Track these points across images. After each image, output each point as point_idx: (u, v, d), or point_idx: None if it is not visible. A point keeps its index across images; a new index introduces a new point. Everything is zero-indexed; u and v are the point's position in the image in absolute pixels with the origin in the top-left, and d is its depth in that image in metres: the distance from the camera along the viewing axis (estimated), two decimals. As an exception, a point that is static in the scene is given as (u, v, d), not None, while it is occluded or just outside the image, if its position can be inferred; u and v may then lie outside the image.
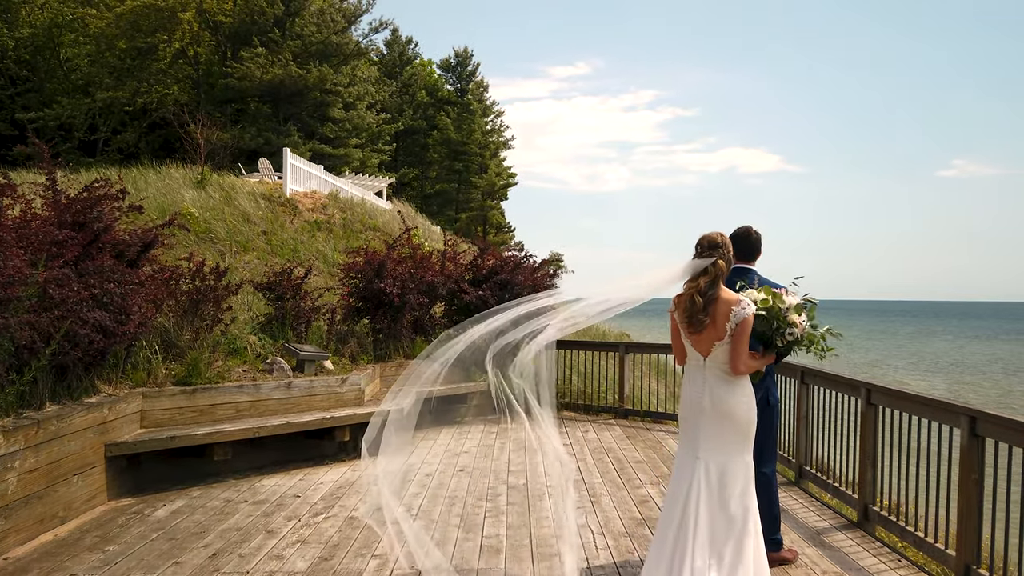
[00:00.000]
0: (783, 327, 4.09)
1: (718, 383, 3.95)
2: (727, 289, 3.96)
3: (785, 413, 7.71)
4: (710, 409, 3.94)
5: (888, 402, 5.70)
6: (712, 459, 3.91)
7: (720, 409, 3.92)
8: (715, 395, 3.93)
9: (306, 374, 8.48)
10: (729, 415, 3.92)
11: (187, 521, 5.86)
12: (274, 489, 6.87)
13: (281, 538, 5.50)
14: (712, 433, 3.93)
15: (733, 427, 3.93)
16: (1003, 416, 4.40)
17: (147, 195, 14.98)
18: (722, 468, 3.89)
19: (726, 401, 3.92)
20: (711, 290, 3.88)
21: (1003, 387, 34.70)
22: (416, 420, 4.95)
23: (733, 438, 3.93)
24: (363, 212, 19.51)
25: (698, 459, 3.92)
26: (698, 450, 3.94)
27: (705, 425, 3.95)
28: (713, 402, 3.93)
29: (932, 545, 5.04)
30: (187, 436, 6.74)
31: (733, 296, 3.92)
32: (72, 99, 28.49)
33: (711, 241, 3.99)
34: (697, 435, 3.97)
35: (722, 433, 3.92)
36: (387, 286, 10.07)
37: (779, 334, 4.11)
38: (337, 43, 31.39)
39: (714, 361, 3.95)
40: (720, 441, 3.92)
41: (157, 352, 7.36)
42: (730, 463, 3.91)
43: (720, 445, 3.92)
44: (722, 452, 3.92)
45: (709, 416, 3.94)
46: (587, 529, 5.77)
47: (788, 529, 5.80)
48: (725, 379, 3.95)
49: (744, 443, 3.96)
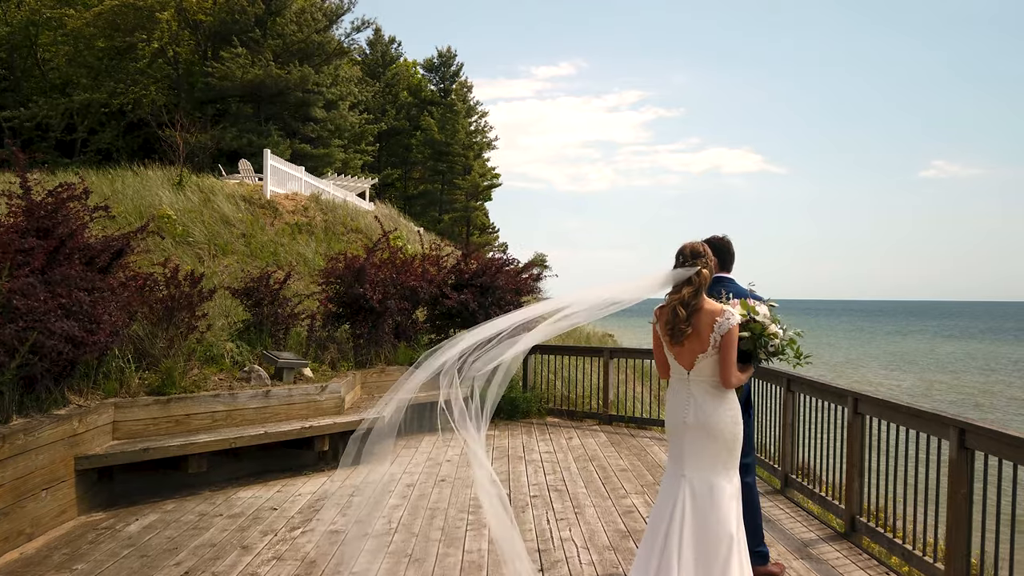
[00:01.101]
0: (765, 339, 3.99)
1: (703, 397, 3.84)
2: (710, 300, 3.86)
3: (771, 421, 7.65)
4: (695, 425, 3.83)
5: (875, 412, 5.62)
6: (697, 476, 3.80)
7: (705, 425, 3.81)
8: (700, 410, 3.83)
9: (285, 382, 8.31)
10: (714, 431, 3.81)
11: (159, 537, 5.69)
12: (251, 501, 6.70)
13: (256, 554, 5.34)
14: (697, 449, 3.82)
15: (719, 443, 3.82)
16: (993, 429, 4.32)
17: (124, 197, 14.74)
18: (708, 486, 3.78)
19: (711, 416, 3.81)
20: (694, 300, 3.78)
21: (977, 386, 34.93)
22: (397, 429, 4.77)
23: (719, 455, 3.82)
24: (345, 214, 19.31)
25: (683, 476, 3.82)
26: (684, 467, 3.84)
27: (690, 441, 3.84)
28: (698, 418, 3.83)
29: (920, 558, 4.96)
30: (161, 448, 6.56)
31: (717, 306, 3.81)
32: (49, 99, 28.04)
33: (693, 250, 3.88)
34: (682, 452, 3.86)
35: (707, 449, 3.81)
36: (367, 291, 9.91)
37: (763, 348, 4.01)
38: (319, 42, 31.07)
39: (699, 375, 3.84)
40: (706, 458, 3.82)
41: (130, 361, 7.17)
42: (717, 480, 3.80)
43: (706, 462, 3.81)
44: (708, 469, 3.81)
45: (694, 432, 3.83)
46: (571, 543, 5.65)
47: (774, 540, 5.71)
48: (710, 393, 3.84)
49: (730, 459, 3.85)
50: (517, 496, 6.94)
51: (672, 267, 3.88)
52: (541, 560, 5.29)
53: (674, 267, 3.87)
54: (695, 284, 3.79)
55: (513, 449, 8.95)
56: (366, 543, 5.62)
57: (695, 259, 3.84)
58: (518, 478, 7.59)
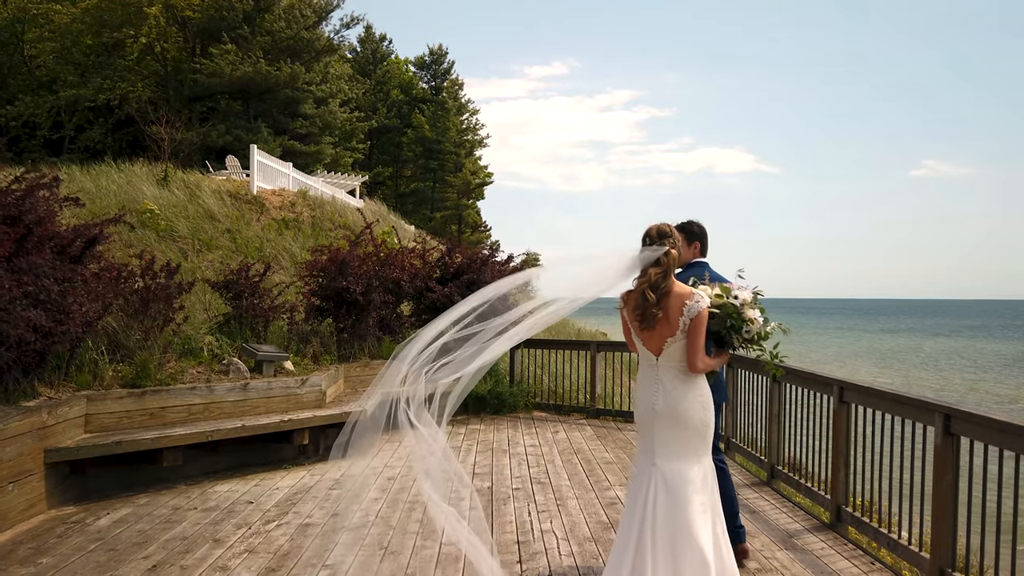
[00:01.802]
0: (739, 324, 3.84)
1: (672, 383, 3.71)
2: (679, 282, 3.73)
3: (757, 412, 7.55)
4: (664, 412, 3.70)
5: (860, 399, 5.52)
6: (668, 465, 3.68)
7: (674, 411, 3.68)
8: (669, 397, 3.70)
9: (264, 375, 8.17)
10: (684, 418, 3.68)
11: (130, 531, 5.56)
12: (227, 495, 6.56)
13: (228, 547, 5.21)
14: (668, 437, 3.70)
15: (689, 430, 3.69)
16: (978, 413, 4.22)
17: (108, 193, 14.59)
18: (680, 474, 3.66)
19: (680, 403, 3.68)
20: (664, 283, 3.64)
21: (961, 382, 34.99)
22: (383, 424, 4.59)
23: (689, 442, 3.70)
24: (333, 210, 19.15)
25: (655, 466, 3.69)
26: (654, 456, 3.71)
27: (660, 429, 3.71)
28: (667, 404, 3.70)
29: (906, 547, 4.86)
30: (134, 441, 6.41)
31: (686, 289, 3.68)
32: (36, 96, 27.80)
33: (660, 231, 3.74)
34: (652, 439, 3.74)
35: (678, 437, 3.69)
36: (350, 284, 9.78)
37: (735, 332, 3.86)
38: (308, 39, 30.91)
39: (667, 360, 3.72)
40: (676, 445, 3.69)
41: (104, 354, 7.03)
42: (688, 468, 3.68)
43: (677, 449, 3.69)
44: (679, 457, 3.69)
45: (663, 419, 3.70)
46: (551, 535, 5.53)
47: (759, 531, 5.61)
48: (679, 379, 3.71)
49: (702, 446, 3.74)
50: (499, 489, 6.82)
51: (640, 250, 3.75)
52: (520, 552, 5.18)
53: (641, 249, 3.73)
54: (663, 265, 3.65)
55: (498, 443, 8.83)
56: (342, 536, 5.50)
57: (662, 239, 3.70)
58: (501, 471, 7.47)
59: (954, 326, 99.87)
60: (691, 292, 3.66)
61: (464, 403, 10.95)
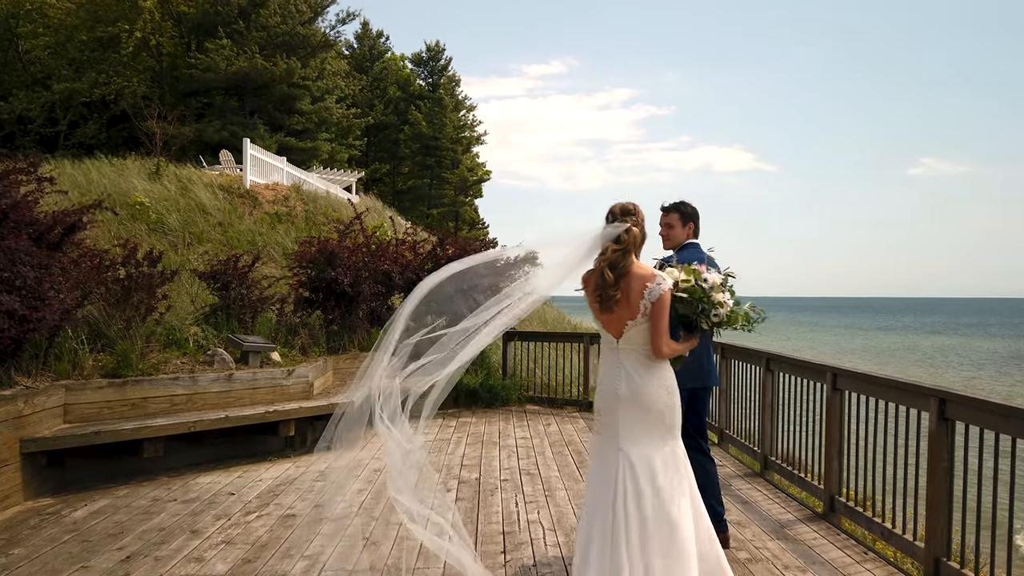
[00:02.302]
0: (708, 308, 3.67)
1: (634, 368, 3.55)
2: (641, 263, 3.57)
3: (750, 402, 7.43)
4: (627, 397, 3.54)
5: (854, 386, 5.40)
6: (635, 449, 3.52)
7: (638, 396, 3.52)
8: (631, 381, 3.53)
9: (250, 366, 8.04)
10: (647, 403, 3.52)
11: (106, 522, 5.43)
12: (209, 487, 6.44)
13: (205, 539, 5.08)
14: (632, 423, 3.54)
15: (653, 414, 3.53)
16: (973, 397, 4.10)
17: (99, 187, 14.45)
18: (648, 459, 3.51)
19: (643, 388, 3.52)
20: (623, 262, 3.47)
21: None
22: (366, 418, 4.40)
23: (654, 427, 3.54)
24: (327, 204, 19.01)
25: (620, 450, 3.54)
26: (619, 440, 3.57)
27: (624, 414, 3.55)
28: (630, 389, 3.53)
29: (900, 537, 4.74)
30: (113, 431, 6.28)
31: (647, 270, 3.52)
32: (30, 92, 27.66)
33: (623, 208, 3.58)
34: (617, 425, 3.60)
35: (643, 422, 3.53)
36: (339, 275, 9.65)
37: (704, 316, 3.69)
38: (304, 34, 30.75)
39: (628, 343, 3.55)
40: (642, 431, 3.53)
41: (85, 343, 6.90)
42: (656, 452, 3.53)
43: (643, 435, 3.53)
44: (646, 442, 3.54)
45: (627, 404, 3.54)
46: (538, 525, 5.41)
47: (750, 521, 5.49)
48: (641, 363, 3.55)
49: (668, 431, 3.57)
50: (487, 480, 6.69)
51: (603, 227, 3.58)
52: (505, 542, 5.06)
53: (603, 227, 3.57)
54: (623, 243, 3.48)
55: (488, 435, 8.70)
56: (323, 527, 5.37)
57: (625, 216, 3.55)
58: (490, 463, 7.35)
59: (952, 324, 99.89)
60: (653, 274, 3.50)
61: (455, 396, 10.87)
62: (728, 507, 5.80)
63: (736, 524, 5.40)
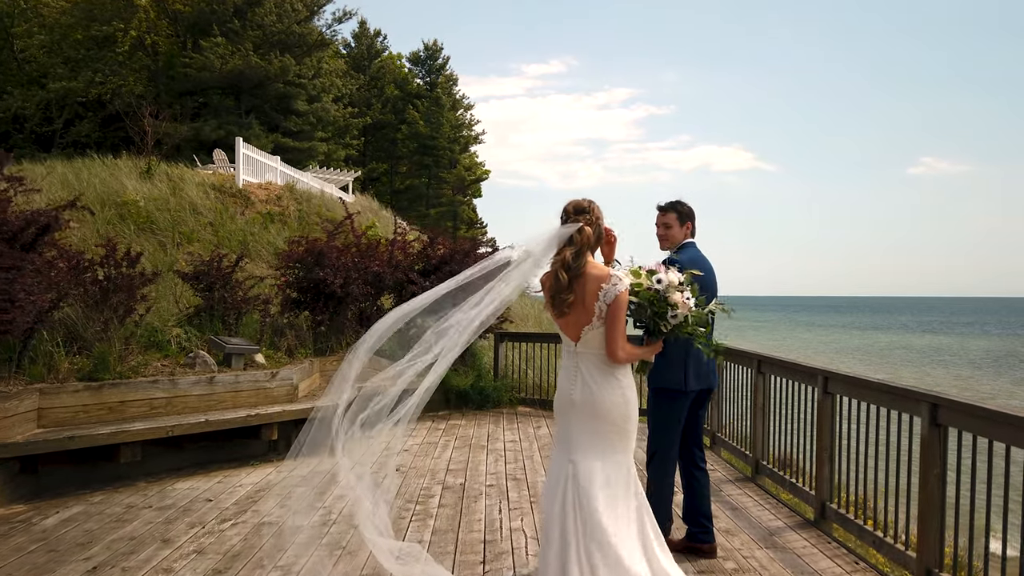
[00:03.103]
0: (662, 310, 3.47)
1: (591, 373, 3.40)
2: (597, 263, 3.42)
3: (741, 405, 7.28)
4: (581, 403, 3.39)
5: (845, 390, 5.25)
6: (586, 463, 3.37)
7: (593, 403, 3.37)
8: (587, 387, 3.39)
9: (233, 368, 7.89)
10: (603, 410, 3.37)
11: (77, 530, 5.28)
12: (186, 493, 6.29)
13: (176, 548, 4.93)
14: (586, 431, 3.39)
15: (608, 423, 3.38)
16: (965, 402, 3.95)
17: (89, 186, 14.30)
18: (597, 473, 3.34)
19: (599, 394, 3.37)
20: (576, 263, 3.32)
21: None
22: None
23: (608, 437, 3.39)
24: (321, 204, 18.85)
25: (571, 462, 3.39)
26: (571, 450, 3.41)
27: (577, 421, 3.41)
28: (585, 395, 3.39)
29: (892, 546, 4.58)
30: (88, 436, 6.14)
31: (603, 271, 3.37)
32: (25, 91, 27.51)
33: (577, 206, 3.43)
34: (569, 433, 3.45)
35: (597, 431, 3.38)
36: (327, 276, 9.50)
37: (661, 318, 3.49)
38: (299, 33, 30.57)
39: (586, 347, 3.40)
40: (596, 441, 3.38)
41: (60, 345, 6.75)
42: (606, 466, 3.37)
43: (596, 445, 3.38)
44: (598, 454, 3.38)
45: (581, 411, 3.40)
46: (520, 533, 5.26)
47: (739, 529, 5.34)
48: (599, 368, 3.40)
49: (623, 441, 3.42)
50: (472, 486, 6.54)
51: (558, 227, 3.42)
52: (485, 552, 4.90)
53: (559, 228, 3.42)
54: (576, 244, 3.33)
55: (477, 439, 8.55)
56: (299, 535, 5.22)
57: (578, 215, 3.39)
58: (476, 467, 7.20)
59: (949, 323, 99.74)
60: (608, 274, 3.35)
61: (446, 398, 10.67)
62: (717, 514, 5.67)
63: (725, 532, 5.26)
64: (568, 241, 3.35)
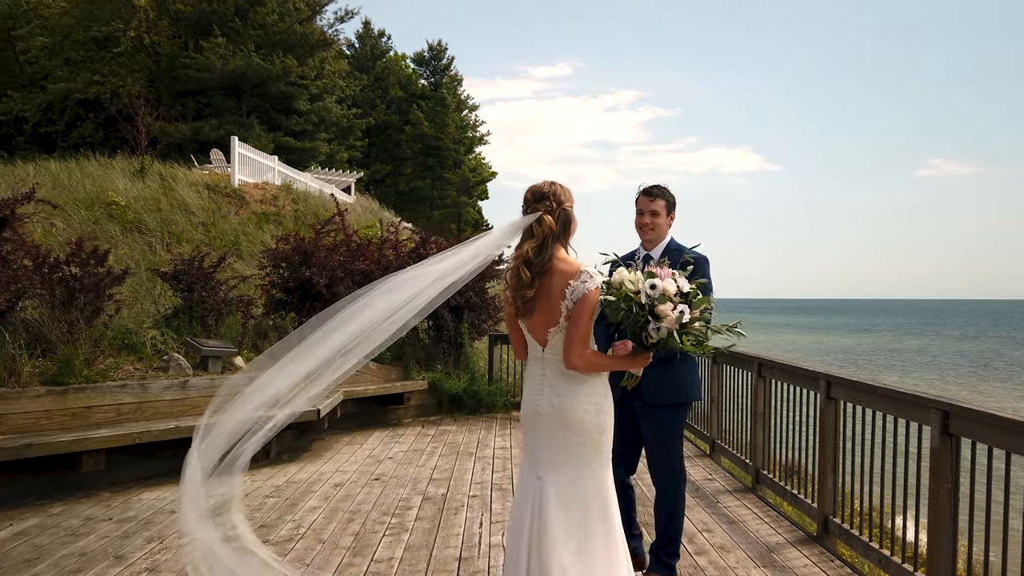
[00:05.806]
0: (640, 319, 2.95)
1: (559, 380, 3.01)
2: (568, 257, 3.02)
3: (741, 411, 6.91)
4: (549, 414, 3.00)
5: (849, 396, 4.87)
6: (554, 478, 3.01)
7: (562, 414, 2.99)
8: (554, 397, 3.00)
9: (210, 372, 7.57)
10: (573, 421, 2.99)
11: (26, 545, 4.95)
12: (151, 504, 5.96)
13: (128, 566, 4.59)
14: (554, 445, 3.01)
15: (580, 436, 2.99)
16: (981, 411, 3.56)
17: (80, 186, 14.03)
18: (566, 491, 3.00)
19: (568, 404, 2.98)
20: (539, 257, 2.92)
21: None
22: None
23: (580, 450, 3.01)
24: (318, 204, 18.52)
25: (539, 479, 3.03)
26: (539, 466, 3.05)
27: (545, 433, 3.03)
28: (553, 405, 3.00)
29: (899, 566, 4.20)
30: (47, 444, 5.81)
31: (572, 266, 2.97)
32: (26, 92, 27.38)
33: (537, 191, 3.01)
34: (536, 447, 3.08)
35: (567, 444, 3.00)
36: (313, 275, 9.16)
37: (638, 326, 2.97)
38: (301, 33, 30.32)
39: (553, 352, 3.02)
40: (566, 455, 3.01)
41: (23, 347, 6.43)
42: (576, 483, 3.01)
43: (566, 460, 3.01)
44: (567, 468, 3.01)
45: (548, 423, 3.01)
46: (499, 549, 4.89)
47: (735, 545, 4.96)
48: (568, 375, 3.00)
49: (594, 455, 3.03)
50: (454, 496, 6.18)
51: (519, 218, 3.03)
52: (459, 571, 4.55)
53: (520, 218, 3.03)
54: (537, 236, 2.93)
55: (466, 445, 8.20)
56: (262, 551, 4.87)
57: (538, 202, 2.99)
58: (461, 476, 6.84)
59: (952, 323, 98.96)
60: (577, 269, 2.95)
61: (438, 403, 10.27)
62: (713, 528, 5.32)
63: (720, 548, 4.90)
64: (527, 234, 2.97)
